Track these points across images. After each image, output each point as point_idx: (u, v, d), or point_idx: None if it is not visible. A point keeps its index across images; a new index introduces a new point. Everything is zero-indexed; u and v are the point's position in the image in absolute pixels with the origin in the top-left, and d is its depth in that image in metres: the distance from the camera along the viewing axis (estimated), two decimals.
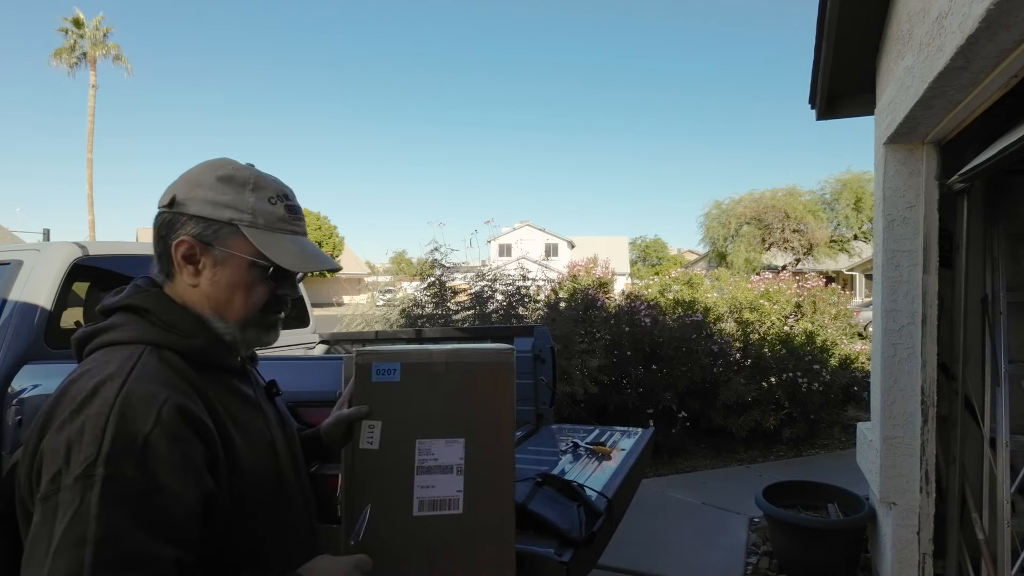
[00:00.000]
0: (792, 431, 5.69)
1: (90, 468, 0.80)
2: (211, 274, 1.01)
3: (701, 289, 8.16)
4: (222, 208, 1.00)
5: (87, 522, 0.78)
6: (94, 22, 29.29)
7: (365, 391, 1.26)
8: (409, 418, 1.26)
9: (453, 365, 1.29)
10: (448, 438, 1.26)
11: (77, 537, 0.77)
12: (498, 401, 1.30)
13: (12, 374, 2.57)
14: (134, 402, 0.85)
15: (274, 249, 1.02)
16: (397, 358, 1.27)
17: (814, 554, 3.26)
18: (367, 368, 1.26)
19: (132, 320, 0.99)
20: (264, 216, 1.03)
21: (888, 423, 2.79)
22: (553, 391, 2.99)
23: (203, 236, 1.00)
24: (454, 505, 1.25)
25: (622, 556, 3.34)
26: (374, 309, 7.18)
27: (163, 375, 0.92)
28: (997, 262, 2.88)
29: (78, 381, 0.89)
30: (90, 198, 29.12)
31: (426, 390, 1.27)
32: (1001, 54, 1.67)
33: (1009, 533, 2.54)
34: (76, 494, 0.79)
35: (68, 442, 0.82)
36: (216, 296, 1.02)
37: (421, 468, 1.25)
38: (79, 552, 0.77)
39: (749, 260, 24.52)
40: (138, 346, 0.95)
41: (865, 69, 3.13)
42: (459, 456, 1.26)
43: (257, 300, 1.04)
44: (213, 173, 1.03)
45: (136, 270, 3.10)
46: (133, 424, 0.83)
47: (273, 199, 1.05)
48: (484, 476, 1.27)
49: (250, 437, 1.02)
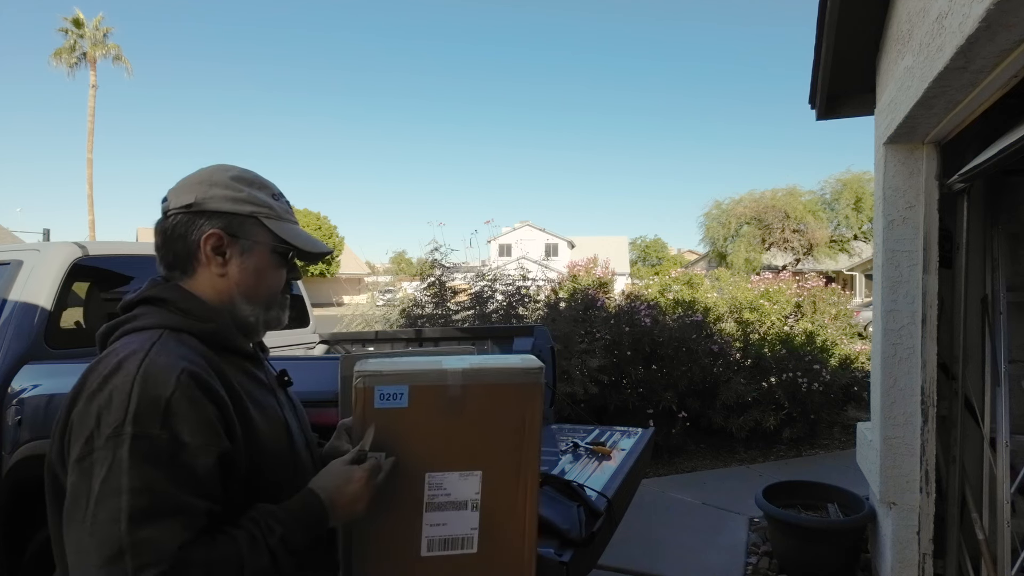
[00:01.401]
0: (792, 431, 5.69)
1: (119, 428, 0.88)
2: (239, 262, 1.12)
3: (701, 289, 8.16)
4: (242, 203, 1.11)
5: (120, 474, 0.86)
6: (94, 22, 29.29)
7: (367, 419, 1.10)
8: (418, 448, 1.11)
9: (472, 388, 1.12)
10: (463, 471, 1.12)
11: (113, 487, 0.85)
12: (523, 427, 1.13)
13: (12, 374, 2.57)
14: (155, 371, 0.93)
15: (290, 235, 1.16)
16: (404, 380, 1.10)
17: (814, 554, 3.26)
18: (369, 393, 1.09)
19: (151, 310, 1.08)
20: (275, 209, 1.16)
21: (888, 423, 2.79)
22: (553, 391, 2.99)
23: (230, 228, 1.10)
24: (468, 544, 1.13)
25: (622, 556, 3.34)
26: (374, 309, 7.18)
27: (182, 350, 1.00)
28: (997, 262, 2.88)
29: (104, 360, 0.98)
30: (90, 198, 29.11)
31: (438, 416, 1.11)
32: (1001, 54, 1.67)
33: (1009, 533, 2.54)
34: (109, 452, 0.87)
35: (98, 410, 0.90)
36: (245, 281, 1.12)
37: (431, 504, 1.12)
38: (116, 500, 0.85)
39: (749, 260, 24.50)
40: (157, 330, 1.03)
41: (865, 69, 3.13)
42: (475, 491, 1.12)
43: (278, 282, 1.18)
44: (224, 174, 1.13)
45: (136, 270, 3.13)
46: (155, 389, 0.91)
47: (276, 195, 1.18)
48: (504, 511, 1.13)
49: (265, 413, 1.09)
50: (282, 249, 1.15)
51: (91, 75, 29.32)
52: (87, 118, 29.33)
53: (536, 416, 1.15)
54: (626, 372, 5.71)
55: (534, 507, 1.16)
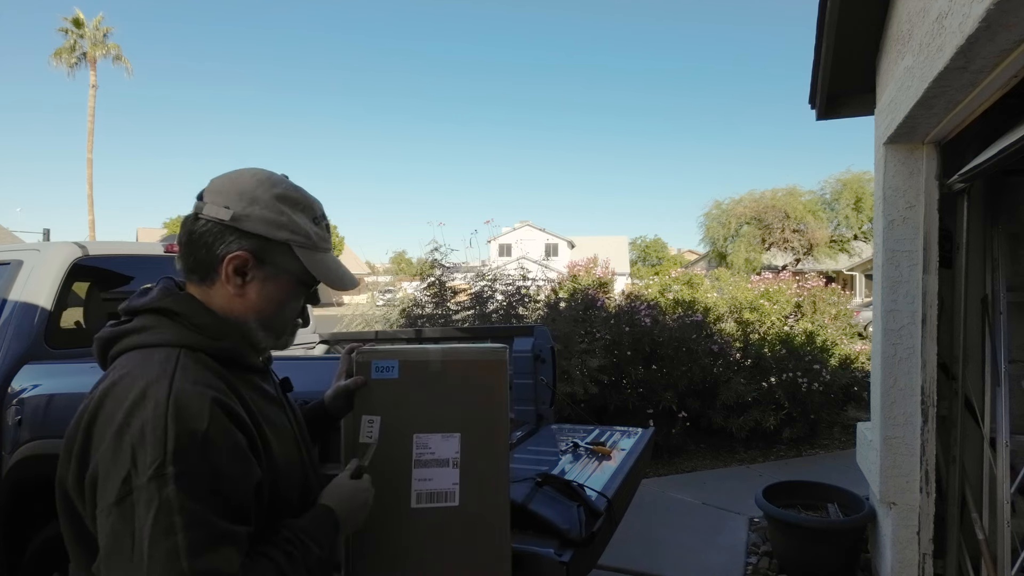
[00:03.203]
0: (792, 431, 5.69)
1: (161, 468, 0.85)
2: (260, 287, 1.07)
3: (701, 289, 8.16)
4: (279, 228, 1.06)
5: (171, 513, 0.84)
6: (94, 22, 29.28)
7: (365, 386, 1.31)
8: (407, 413, 1.31)
9: (449, 363, 1.35)
10: (445, 433, 1.31)
11: (165, 527, 0.84)
12: (492, 398, 1.35)
13: (12, 374, 2.57)
14: (185, 401, 0.90)
15: (319, 268, 1.11)
16: (395, 356, 1.33)
17: (814, 554, 3.26)
18: (367, 365, 1.32)
19: (163, 323, 1.03)
20: (311, 236, 1.10)
21: (888, 423, 2.79)
22: (553, 391, 2.99)
23: (259, 253, 1.05)
24: (451, 497, 1.30)
25: (622, 556, 3.34)
26: (374, 309, 7.19)
27: (204, 375, 0.97)
28: (997, 262, 2.88)
29: (121, 384, 0.93)
30: (90, 198, 29.11)
31: (423, 387, 1.32)
32: (1001, 54, 1.67)
33: (1009, 533, 2.54)
34: (153, 493, 0.84)
35: (132, 447, 0.87)
36: (263, 308, 1.08)
37: (419, 461, 1.30)
38: (172, 539, 0.83)
39: (749, 260, 24.51)
40: (174, 348, 0.99)
41: (865, 69, 3.13)
42: (455, 450, 1.31)
43: (295, 312, 1.15)
44: (270, 191, 1.07)
45: (136, 270, 3.13)
46: (191, 422, 0.89)
47: (317, 218, 1.13)
48: (479, 469, 1.32)
49: (280, 433, 1.09)
50: (307, 280, 1.12)
51: (91, 75, 29.32)
52: (87, 118, 29.32)
53: (502, 388, 1.36)
54: (626, 372, 5.71)
55: (506, 465, 1.35)
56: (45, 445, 2.32)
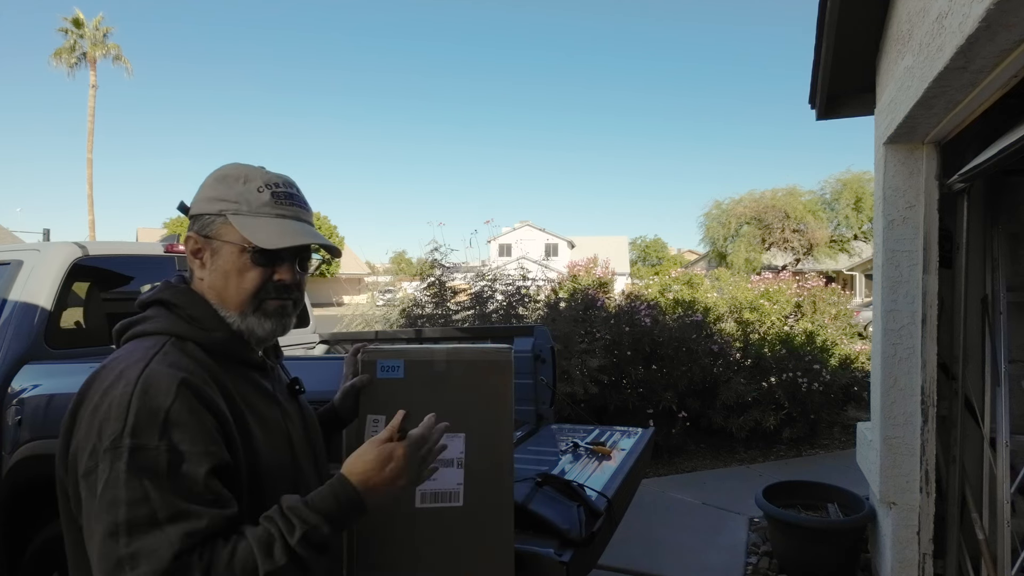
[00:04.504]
0: (792, 431, 5.69)
1: (117, 440, 0.87)
2: (211, 264, 1.08)
3: (701, 289, 8.16)
4: (215, 202, 1.08)
5: (118, 487, 0.85)
6: (94, 22, 29.28)
7: (370, 386, 1.32)
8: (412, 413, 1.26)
9: (454, 363, 1.35)
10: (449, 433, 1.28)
11: (110, 500, 0.85)
12: (497, 398, 1.35)
13: (12, 374, 2.57)
14: (154, 380, 0.92)
15: (253, 230, 1.05)
16: (401, 356, 1.33)
17: (814, 554, 3.26)
18: (372, 365, 1.32)
19: (161, 313, 1.07)
20: (249, 203, 1.07)
21: (888, 423, 2.79)
22: (553, 391, 2.99)
23: (202, 230, 1.08)
24: (455, 498, 1.30)
25: (622, 556, 3.34)
26: (374, 309, 7.18)
27: (183, 362, 0.99)
28: (997, 262, 2.88)
29: (106, 368, 0.98)
30: (90, 198, 29.10)
31: (428, 386, 1.32)
32: (1001, 54, 1.67)
33: (1009, 533, 2.54)
34: (107, 465, 0.87)
35: (100, 422, 0.90)
36: (216, 285, 1.08)
37: None
38: (114, 512, 0.85)
39: (749, 260, 24.50)
40: (163, 336, 1.03)
41: (865, 69, 3.13)
42: (460, 450, 1.30)
43: (248, 285, 1.07)
44: (213, 175, 1.11)
45: (136, 270, 3.13)
46: (155, 399, 0.90)
47: (261, 188, 1.08)
48: (484, 470, 1.31)
49: (267, 425, 1.08)
50: (254, 248, 1.04)
51: (91, 75, 29.32)
52: (87, 118, 29.32)
53: (507, 388, 1.35)
54: (626, 372, 5.71)
55: (511, 466, 1.35)
56: (45, 445, 2.32)
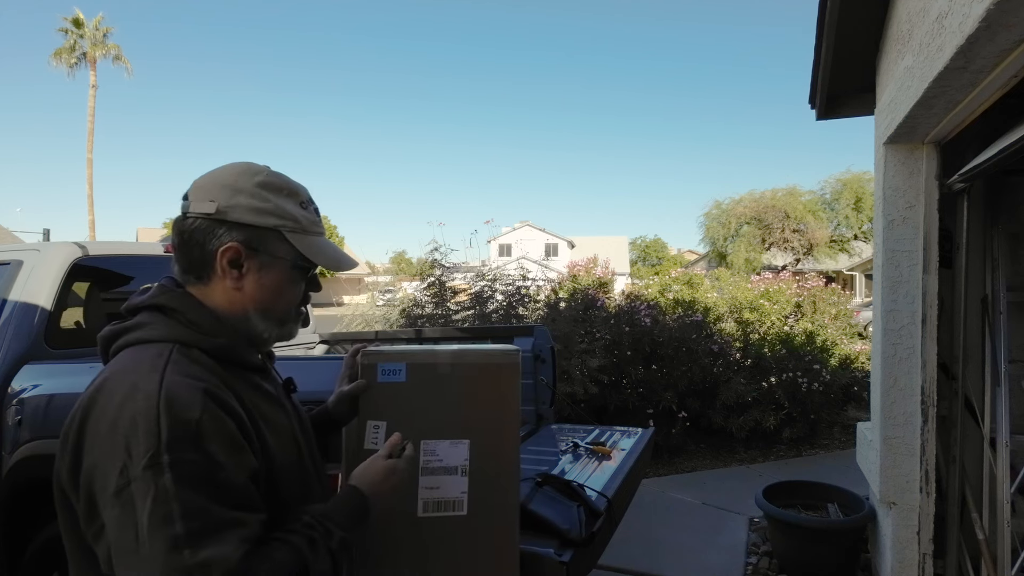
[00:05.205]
0: (792, 431, 5.69)
1: (155, 457, 0.85)
2: (256, 277, 1.07)
3: (701, 289, 8.16)
4: (266, 215, 1.06)
5: (168, 502, 0.84)
6: (94, 22, 29.27)
7: (370, 391, 1.27)
8: (414, 419, 1.25)
9: (459, 366, 1.29)
10: (453, 439, 1.26)
11: (163, 516, 0.84)
12: (503, 402, 1.29)
13: (12, 374, 2.57)
14: (176, 392, 0.90)
15: (313, 250, 1.10)
16: (403, 358, 1.28)
17: (814, 554, 3.26)
18: (372, 368, 1.27)
19: (159, 319, 1.04)
20: (297, 220, 1.09)
21: (888, 423, 2.79)
22: (553, 391, 2.99)
23: (250, 243, 1.05)
24: (459, 507, 1.25)
25: (622, 556, 3.34)
26: (374, 309, 7.18)
27: (195, 370, 0.97)
28: (997, 262, 2.88)
29: (113, 379, 0.94)
30: (90, 198, 29.10)
31: (432, 390, 1.27)
32: (1001, 54, 1.67)
33: (1009, 533, 2.54)
34: (149, 482, 0.85)
35: (125, 438, 0.87)
36: (261, 297, 1.08)
37: (426, 469, 1.24)
38: (171, 528, 0.83)
39: (749, 260, 24.49)
40: (167, 344, 1.00)
41: (865, 69, 3.13)
42: (464, 457, 1.25)
43: (295, 298, 1.13)
44: (252, 179, 1.07)
45: (136, 270, 3.13)
46: (183, 412, 0.89)
47: (304, 203, 1.12)
48: (489, 477, 1.26)
49: (278, 432, 1.07)
50: (303, 264, 1.10)
51: (91, 75, 29.32)
52: (87, 118, 29.32)
53: (514, 392, 1.30)
54: (626, 372, 5.70)
55: (517, 474, 1.29)
56: (45, 445, 2.31)
